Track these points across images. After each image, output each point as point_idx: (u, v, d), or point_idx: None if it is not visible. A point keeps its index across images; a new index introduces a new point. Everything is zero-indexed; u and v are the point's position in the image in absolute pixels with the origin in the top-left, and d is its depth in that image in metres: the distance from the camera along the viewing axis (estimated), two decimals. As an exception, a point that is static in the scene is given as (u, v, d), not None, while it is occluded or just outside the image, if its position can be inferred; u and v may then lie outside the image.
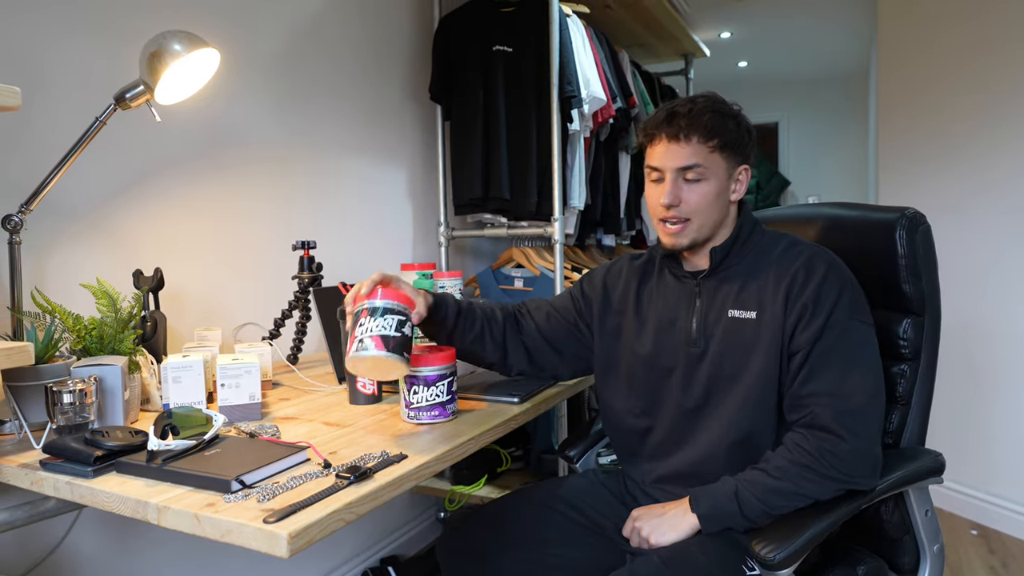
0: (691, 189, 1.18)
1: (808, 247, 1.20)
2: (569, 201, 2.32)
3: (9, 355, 0.97)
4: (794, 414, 1.13)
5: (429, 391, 1.18)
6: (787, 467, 1.08)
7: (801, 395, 1.12)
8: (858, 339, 1.13)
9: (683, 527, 1.12)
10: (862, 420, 1.08)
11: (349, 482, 0.89)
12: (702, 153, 1.17)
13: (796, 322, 1.14)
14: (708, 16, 4.35)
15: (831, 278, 1.14)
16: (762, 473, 1.09)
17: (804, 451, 1.08)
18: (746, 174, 1.23)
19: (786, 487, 1.07)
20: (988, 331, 2.60)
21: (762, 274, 1.19)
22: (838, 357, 1.11)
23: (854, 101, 5.96)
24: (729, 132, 1.18)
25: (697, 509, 1.12)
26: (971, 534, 2.58)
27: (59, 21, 1.38)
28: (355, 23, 2.14)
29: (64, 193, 1.37)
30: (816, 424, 1.09)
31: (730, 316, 1.19)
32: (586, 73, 2.26)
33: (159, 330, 1.40)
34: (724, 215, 1.22)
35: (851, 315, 1.13)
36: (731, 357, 1.18)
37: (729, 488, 1.11)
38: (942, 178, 2.75)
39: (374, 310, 1.11)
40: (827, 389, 1.10)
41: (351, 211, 2.15)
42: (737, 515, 1.09)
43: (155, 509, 0.86)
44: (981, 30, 2.59)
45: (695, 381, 1.21)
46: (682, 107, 1.19)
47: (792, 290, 1.15)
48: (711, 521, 1.11)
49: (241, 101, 1.79)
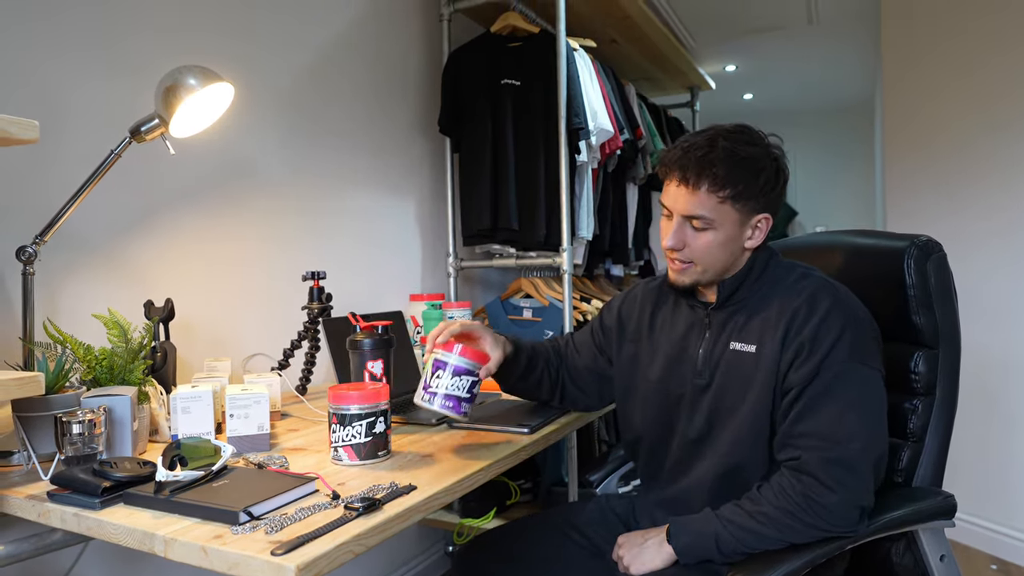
0: (696, 236, 1.16)
1: (815, 281, 1.17)
2: (577, 231, 2.33)
3: (20, 385, 0.97)
4: (783, 453, 1.11)
5: (452, 380, 1.17)
6: (772, 513, 1.06)
7: (792, 434, 1.10)
8: (856, 382, 1.08)
9: (659, 558, 1.13)
10: (852, 470, 1.04)
11: (358, 514, 0.88)
12: (710, 204, 1.13)
13: (792, 359, 1.11)
14: (713, 50, 4.40)
15: (833, 316, 1.10)
16: (746, 515, 1.08)
17: (790, 498, 1.05)
18: (766, 222, 1.17)
19: (769, 532, 1.06)
20: (1004, 362, 2.57)
21: (767, 308, 1.17)
22: (833, 400, 1.07)
23: (859, 132, 5.99)
24: (744, 183, 1.12)
25: (675, 542, 1.12)
26: (991, 568, 2.52)
27: (77, 58, 1.41)
28: (366, 58, 2.18)
29: (78, 225, 1.39)
30: (804, 469, 1.06)
31: (731, 349, 1.18)
32: (593, 105, 2.29)
33: (169, 360, 1.40)
34: (734, 260, 1.19)
35: (850, 356, 1.09)
36: (731, 390, 1.17)
37: (710, 527, 1.09)
38: (951, 207, 2.75)
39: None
40: (818, 431, 1.07)
41: (361, 242, 2.16)
42: (714, 552, 1.09)
43: (162, 541, 0.85)
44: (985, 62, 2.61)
45: (698, 412, 1.21)
46: (699, 149, 1.13)
47: (792, 326, 1.12)
48: (688, 555, 1.11)
49: (253, 134, 1.81)
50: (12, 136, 1.00)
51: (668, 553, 1.12)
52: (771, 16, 3.87)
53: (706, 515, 1.12)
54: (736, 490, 1.14)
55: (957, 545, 2.69)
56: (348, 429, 1.11)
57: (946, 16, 2.75)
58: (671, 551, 1.12)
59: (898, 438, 1.25)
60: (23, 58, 1.32)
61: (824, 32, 4.15)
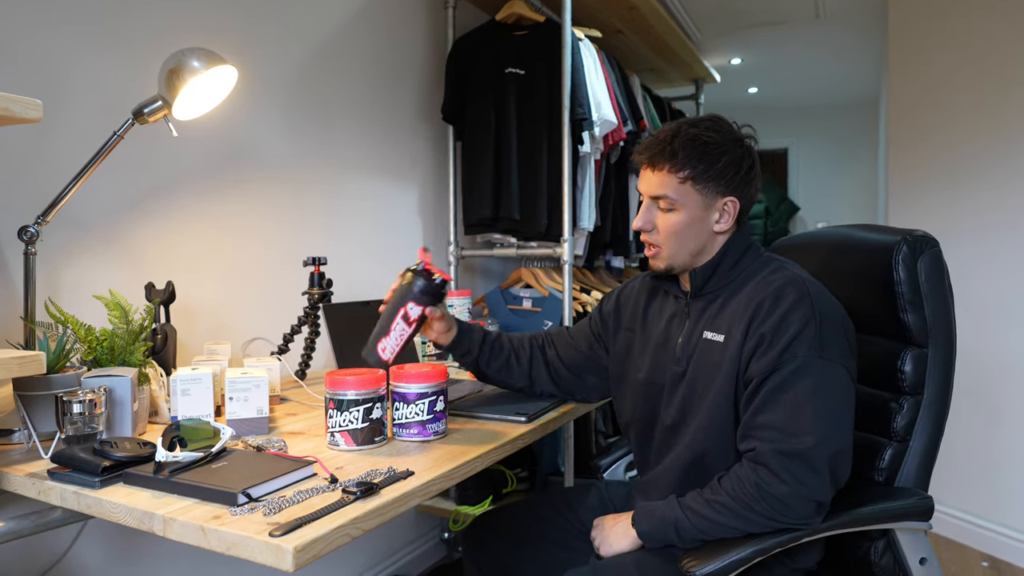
0: (663, 218, 1.20)
1: (786, 275, 1.16)
2: (579, 222, 2.33)
3: (21, 364, 0.98)
4: (743, 444, 1.12)
5: (409, 408, 1.18)
6: (728, 503, 1.08)
7: (751, 425, 1.11)
8: (817, 377, 1.08)
9: (626, 541, 1.18)
10: (806, 463, 1.05)
11: (355, 497, 0.89)
12: (671, 184, 1.18)
13: (753, 350, 1.12)
14: (719, 42, 4.39)
15: (798, 309, 1.10)
16: (705, 504, 1.10)
17: (745, 488, 1.07)
18: (732, 205, 1.19)
19: (725, 521, 1.08)
20: (998, 360, 2.58)
21: (739, 299, 1.18)
22: (791, 393, 1.08)
23: (864, 127, 5.97)
24: (706, 164, 1.16)
25: (638, 527, 1.17)
26: (982, 566, 2.54)
27: (81, 38, 1.41)
28: (370, 44, 2.17)
29: (80, 205, 1.39)
30: (759, 460, 1.08)
31: (704, 338, 1.20)
32: (597, 96, 2.28)
33: (169, 343, 1.40)
34: (702, 244, 1.21)
35: (811, 351, 1.08)
36: (701, 379, 1.19)
37: (671, 514, 1.13)
38: (953, 205, 2.74)
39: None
40: (775, 424, 1.08)
41: (362, 228, 2.16)
42: (675, 538, 1.12)
43: (161, 521, 0.86)
44: (992, 59, 2.60)
45: (674, 399, 1.23)
46: (664, 133, 1.20)
47: (756, 318, 1.13)
48: (650, 539, 1.16)
49: (256, 118, 1.81)
50: (15, 115, 1.00)
51: (633, 537, 1.17)
52: (778, 9, 3.85)
53: (669, 502, 1.15)
54: (701, 478, 1.16)
55: (950, 542, 2.71)
56: (345, 415, 1.12)
57: (955, 7, 2.73)
58: (635, 535, 1.17)
59: (881, 436, 1.23)
60: (25, 36, 1.32)
61: (830, 26, 4.13)
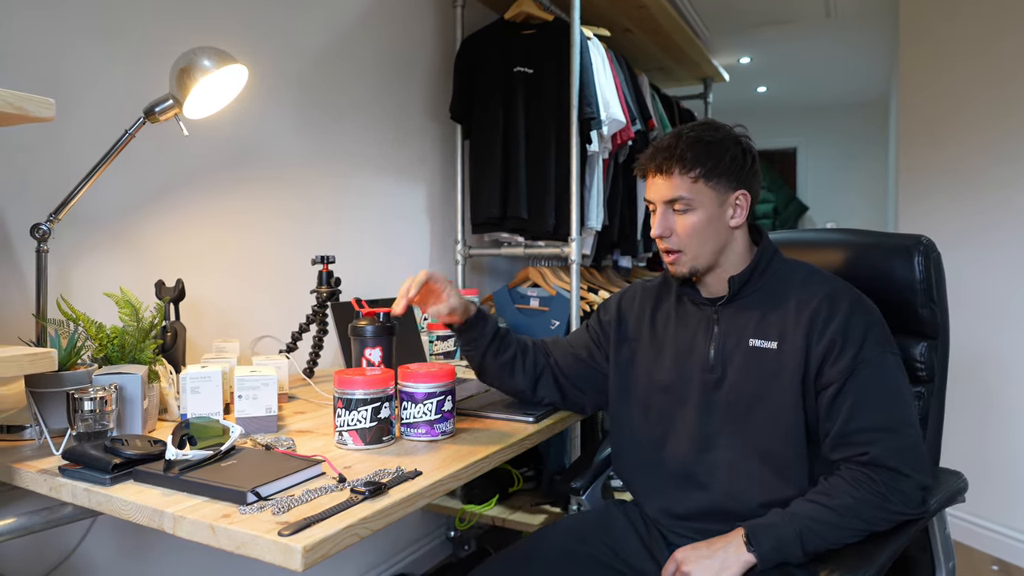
0: (680, 220, 1.21)
1: (828, 279, 1.21)
2: (586, 222, 2.32)
3: (33, 361, 0.99)
4: (842, 452, 1.12)
5: (417, 408, 1.18)
6: (853, 505, 1.07)
7: (848, 432, 1.11)
8: (893, 371, 1.14)
9: (736, 566, 1.08)
10: (917, 453, 1.10)
11: (364, 497, 0.89)
12: (685, 185, 1.19)
13: (824, 355, 1.14)
14: (728, 41, 4.37)
15: (857, 313, 1.16)
16: (827, 511, 1.08)
17: (874, 491, 1.07)
18: (744, 199, 1.22)
19: (851, 524, 1.07)
20: (1008, 361, 2.56)
21: (783, 305, 1.19)
22: (879, 392, 1.12)
23: (873, 127, 5.94)
24: (714, 161, 1.18)
25: (758, 549, 1.08)
26: (992, 569, 2.53)
27: (93, 38, 1.42)
28: (380, 43, 2.18)
29: (92, 203, 1.40)
30: (878, 463, 1.08)
31: (751, 345, 1.20)
32: (605, 95, 2.28)
33: (179, 341, 1.41)
34: (723, 242, 1.22)
35: (882, 348, 1.14)
36: (750, 386, 1.18)
37: (792, 528, 1.08)
38: (962, 206, 2.72)
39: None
40: (878, 425, 1.10)
41: (370, 227, 2.17)
42: (799, 552, 1.07)
43: (171, 519, 0.86)
44: (1004, 60, 2.58)
45: (712, 408, 1.21)
46: (666, 140, 1.21)
47: (816, 323, 1.15)
48: (769, 560, 1.08)
49: (266, 117, 1.81)
50: (28, 114, 1.00)
51: (746, 560, 1.08)
52: (787, 8, 3.84)
53: (779, 516, 1.10)
54: (782, 491, 1.14)
55: (959, 545, 2.69)
56: (353, 414, 1.12)
57: (966, 6, 2.71)
58: (751, 558, 1.08)
59: None
60: (38, 35, 1.33)
61: (841, 26, 4.11)
